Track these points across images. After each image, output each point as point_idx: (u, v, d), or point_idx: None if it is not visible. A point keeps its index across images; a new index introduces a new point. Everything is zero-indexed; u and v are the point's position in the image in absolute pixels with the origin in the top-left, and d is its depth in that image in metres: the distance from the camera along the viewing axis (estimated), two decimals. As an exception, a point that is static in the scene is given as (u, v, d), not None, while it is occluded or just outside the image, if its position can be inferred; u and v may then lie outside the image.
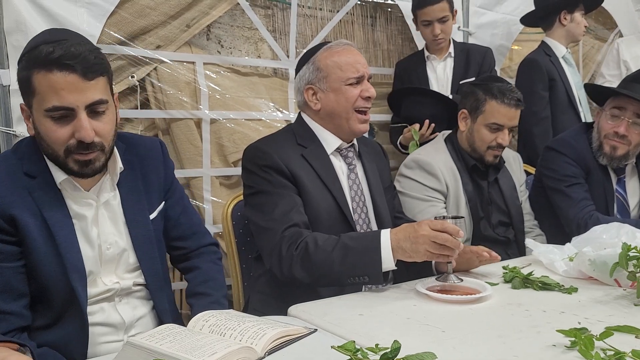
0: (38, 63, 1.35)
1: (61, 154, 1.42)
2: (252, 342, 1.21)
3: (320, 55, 1.93)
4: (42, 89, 1.36)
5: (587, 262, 1.74)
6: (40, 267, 1.44)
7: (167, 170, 1.71)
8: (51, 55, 1.33)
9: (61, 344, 1.47)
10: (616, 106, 2.39)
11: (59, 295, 1.46)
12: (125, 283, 1.57)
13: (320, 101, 1.93)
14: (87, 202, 1.52)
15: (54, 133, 1.39)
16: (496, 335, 1.33)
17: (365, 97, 1.91)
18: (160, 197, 1.68)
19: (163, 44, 2.61)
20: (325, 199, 1.86)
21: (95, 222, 1.53)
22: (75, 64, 1.35)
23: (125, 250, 1.57)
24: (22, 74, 1.38)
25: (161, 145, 1.72)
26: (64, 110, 1.37)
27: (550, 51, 3.42)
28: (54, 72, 1.34)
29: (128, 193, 1.59)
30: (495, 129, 2.31)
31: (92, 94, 1.39)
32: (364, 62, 1.94)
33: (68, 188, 1.49)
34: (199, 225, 1.82)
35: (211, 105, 2.73)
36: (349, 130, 1.93)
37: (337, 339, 1.30)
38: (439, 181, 2.31)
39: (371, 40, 3.41)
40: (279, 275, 1.73)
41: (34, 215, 1.42)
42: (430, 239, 1.57)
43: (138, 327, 1.60)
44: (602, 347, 1.20)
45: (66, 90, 1.35)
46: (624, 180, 2.51)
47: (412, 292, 1.65)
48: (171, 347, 1.14)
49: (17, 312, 1.42)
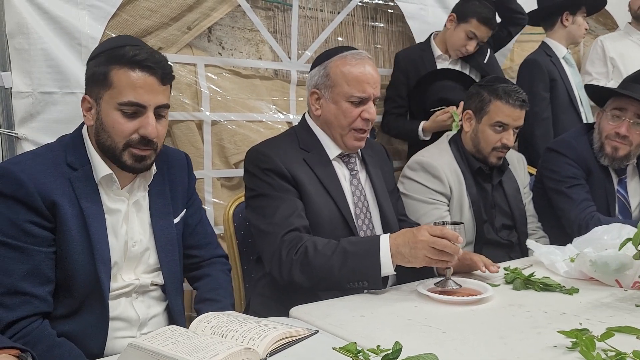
0: (123, 61, 1.48)
1: (120, 146, 1.52)
2: (253, 344, 1.22)
3: (334, 62, 1.91)
4: (120, 84, 1.48)
5: (588, 263, 1.75)
6: (71, 255, 1.49)
7: (191, 181, 1.81)
8: (137, 57, 1.48)
9: (81, 334, 1.51)
10: (617, 107, 2.39)
11: (85, 285, 1.51)
12: (144, 281, 1.63)
13: (321, 108, 1.93)
14: (120, 199, 1.60)
15: (121, 125, 1.50)
16: (497, 336, 1.33)
17: (364, 119, 1.89)
18: (183, 204, 1.76)
19: (164, 45, 2.61)
20: (326, 205, 1.86)
21: (126, 219, 1.60)
22: (157, 68, 1.51)
23: (148, 249, 1.64)
24: (100, 68, 1.50)
25: (187, 158, 1.82)
26: (136, 107, 1.50)
27: (551, 52, 3.42)
28: (137, 71, 1.49)
29: (156, 196, 1.68)
30: (500, 129, 2.31)
31: (162, 98, 1.54)
32: (374, 82, 1.90)
33: (105, 184, 1.57)
34: (213, 236, 1.88)
35: (212, 107, 2.73)
36: (342, 144, 1.94)
37: (339, 341, 1.30)
38: (442, 184, 2.30)
39: (372, 41, 3.41)
40: (279, 279, 1.73)
41: (73, 205, 1.50)
42: (429, 244, 1.57)
43: (150, 326, 1.64)
44: (604, 348, 1.21)
45: (144, 89, 1.49)
46: (625, 180, 2.51)
47: (413, 294, 1.66)
48: (173, 348, 1.15)
49: (42, 296, 1.47)
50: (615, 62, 4.00)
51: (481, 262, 1.81)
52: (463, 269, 1.85)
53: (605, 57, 4.01)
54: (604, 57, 4.02)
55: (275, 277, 1.75)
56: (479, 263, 1.81)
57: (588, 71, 4.06)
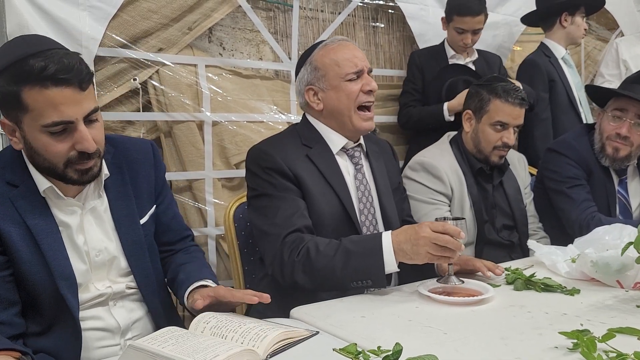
0: (32, 79, 1.31)
1: (60, 166, 1.41)
2: (253, 345, 1.21)
3: (317, 55, 1.92)
4: (37, 105, 1.32)
5: (590, 264, 1.74)
6: (28, 276, 1.42)
7: (158, 173, 1.69)
8: (47, 71, 1.30)
9: (54, 350, 1.47)
10: (618, 108, 2.39)
11: (49, 303, 1.46)
12: (118, 287, 1.56)
13: (322, 101, 1.91)
14: (71, 209, 1.50)
15: (54, 148, 1.38)
16: (498, 337, 1.33)
17: (366, 91, 1.89)
18: (150, 201, 1.67)
19: (165, 46, 2.62)
20: (330, 200, 1.84)
21: (81, 230, 1.51)
22: (71, 77, 1.33)
23: (116, 257, 1.56)
24: (7, 89, 1.33)
25: (152, 148, 1.71)
26: (63, 125, 1.36)
27: (550, 52, 3.42)
28: (50, 87, 1.32)
29: (116, 198, 1.58)
30: (500, 128, 2.32)
31: (87, 104, 1.38)
32: (361, 56, 1.91)
33: (52, 196, 1.48)
34: (188, 230, 1.82)
35: (213, 107, 2.73)
36: (352, 128, 1.91)
37: (339, 342, 1.30)
38: (444, 184, 2.30)
39: (373, 42, 3.41)
40: (281, 281, 1.73)
41: (17, 225, 1.41)
42: (431, 240, 1.56)
43: (134, 330, 1.59)
44: (605, 349, 1.20)
45: (65, 105, 1.33)
46: (625, 181, 2.51)
47: (414, 294, 1.65)
48: (173, 350, 1.15)
49: (7, 321, 1.41)
50: (627, 64, 4.02)
51: (485, 268, 1.80)
52: (465, 273, 1.84)
53: (619, 59, 4.03)
54: (617, 59, 4.04)
55: (277, 278, 1.74)
56: (482, 269, 1.80)
57: (602, 73, 4.09)
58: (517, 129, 2.36)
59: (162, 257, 1.72)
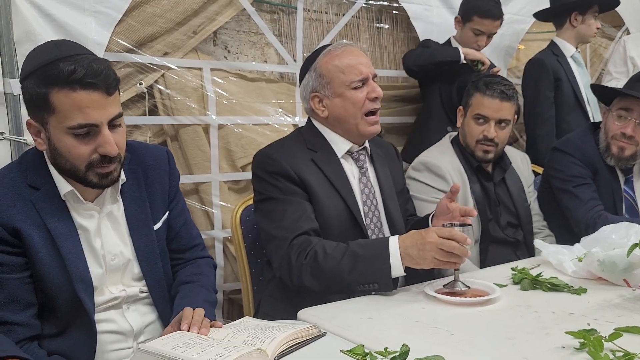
0: (60, 82, 1.34)
1: (82, 168, 1.43)
2: (261, 345, 1.22)
3: (321, 61, 1.91)
4: (64, 107, 1.35)
5: (596, 263, 1.74)
6: (46, 278, 1.45)
7: (172, 180, 1.72)
8: (75, 75, 1.33)
9: (69, 352, 1.48)
10: (623, 107, 2.38)
11: (66, 305, 1.47)
12: (132, 290, 1.59)
13: (327, 108, 1.91)
14: (89, 213, 1.53)
15: (77, 150, 1.40)
16: (505, 337, 1.33)
17: (372, 99, 1.89)
18: (164, 207, 1.69)
19: (170, 50, 2.63)
20: (336, 204, 1.85)
21: (98, 233, 1.54)
22: (99, 81, 1.36)
23: (130, 261, 1.58)
24: (37, 90, 1.36)
25: (168, 155, 1.73)
26: (88, 127, 1.38)
27: (559, 51, 3.42)
28: (78, 91, 1.34)
29: (132, 203, 1.60)
30: (481, 121, 2.34)
31: (112, 109, 1.41)
32: (366, 62, 1.90)
33: (71, 200, 1.50)
34: (198, 238, 1.83)
35: (219, 110, 2.74)
36: (359, 134, 1.92)
37: (346, 343, 1.30)
38: (446, 183, 2.31)
39: (377, 43, 3.42)
40: (289, 283, 1.73)
41: (38, 227, 1.43)
42: (437, 246, 1.57)
43: (147, 334, 1.61)
44: (612, 349, 1.20)
45: (91, 108, 1.36)
46: (631, 180, 2.50)
47: (420, 295, 1.66)
48: (183, 352, 1.16)
49: (24, 322, 1.43)
50: (635, 61, 4.02)
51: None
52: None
53: (626, 57, 4.02)
54: (624, 56, 4.03)
55: (284, 281, 1.75)
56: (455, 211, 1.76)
57: (609, 70, 4.08)
58: (504, 124, 2.35)
59: (172, 264, 1.74)
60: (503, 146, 2.41)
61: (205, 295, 1.63)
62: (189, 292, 1.62)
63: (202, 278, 1.70)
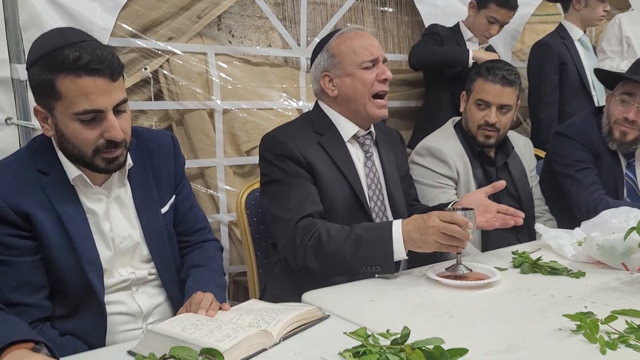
0: (65, 68, 1.36)
1: (89, 153, 1.45)
2: (266, 327, 1.26)
3: (334, 42, 1.95)
4: (70, 93, 1.38)
5: (595, 247, 1.76)
6: (57, 261, 1.48)
7: (178, 165, 1.74)
8: (80, 61, 1.35)
9: (80, 333, 1.52)
10: (626, 91, 2.39)
11: (76, 287, 1.51)
12: (140, 273, 1.62)
13: (336, 87, 1.94)
14: (98, 197, 1.55)
15: (84, 135, 1.43)
16: (504, 320, 1.36)
17: (381, 80, 1.92)
18: (171, 191, 1.71)
19: (175, 35, 2.65)
20: (341, 187, 1.88)
21: (107, 217, 1.57)
22: (103, 67, 1.38)
23: (138, 244, 1.62)
24: (43, 77, 1.38)
25: (173, 140, 1.75)
26: (94, 113, 1.41)
27: (566, 34, 3.42)
28: (83, 77, 1.37)
29: (139, 187, 1.63)
30: (482, 106, 2.36)
31: (117, 95, 1.44)
32: (377, 45, 1.95)
33: (80, 184, 1.52)
34: (204, 221, 1.85)
35: (223, 95, 2.76)
36: (366, 115, 1.94)
37: (350, 325, 1.34)
38: (449, 168, 2.34)
39: (381, 26, 3.42)
40: (293, 264, 1.77)
41: (48, 211, 1.46)
42: (439, 230, 1.59)
43: (156, 315, 1.64)
44: (607, 331, 1.23)
45: (96, 94, 1.39)
46: (633, 164, 2.52)
47: (422, 278, 1.69)
48: (191, 333, 1.20)
49: (36, 304, 1.47)
50: (630, 41, 3.97)
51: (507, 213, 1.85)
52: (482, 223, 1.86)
53: (621, 36, 3.98)
54: (620, 35, 3.99)
55: (289, 262, 1.79)
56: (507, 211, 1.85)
57: (603, 49, 4.04)
58: (505, 110, 2.36)
59: (180, 247, 1.77)
60: (505, 131, 2.42)
61: (215, 280, 1.66)
62: (199, 276, 1.65)
63: (211, 262, 1.74)
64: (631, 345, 1.18)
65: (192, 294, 1.50)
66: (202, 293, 1.48)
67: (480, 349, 1.18)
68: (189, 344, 1.12)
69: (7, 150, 2.17)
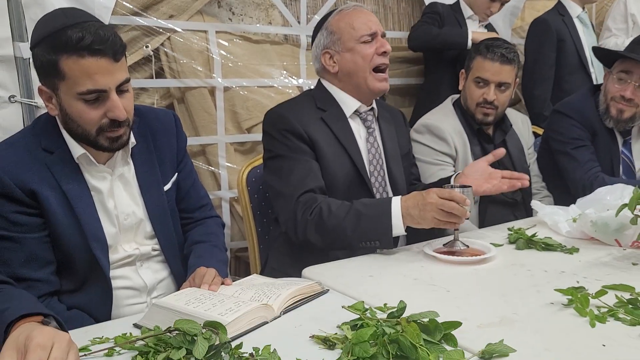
0: (69, 48, 1.38)
1: (93, 132, 1.48)
2: (267, 301, 1.30)
3: (333, 20, 1.98)
4: (73, 74, 1.40)
5: (589, 224, 1.80)
6: (63, 238, 1.51)
7: (180, 143, 1.77)
8: (83, 41, 1.37)
9: (87, 306, 1.56)
10: (623, 69, 2.41)
11: (83, 263, 1.54)
12: (144, 249, 1.66)
13: (337, 63, 1.97)
14: (102, 175, 1.58)
15: (87, 114, 1.45)
16: (498, 294, 1.40)
17: (381, 53, 1.94)
18: (173, 169, 1.75)
19: (176, 13, 2.65)
20: (343, 162, 1.91)
21: (111, 194, 1.60)
22: (106, 48, 1.40)
23: (142, 220, 1.65)
24: (47, 57, 1.40)
25: (175, 119, 1.78)
26: (97, 93, 1.43)
27: (565, 11, 3.41)
28: (86, 57, 1.38)
29: (142, 165, 1.66)
30: (481, 84, 2.38)
31: (120, 75, 1.46)
32: (375, 20, 1.97)
33: (84, 162, 1.55)
34: (206, 198, 1.89)
35: (224, 73, 2.77)
36: (367, 89, 1.96)
37: (348, 299, 1.38)
38: (448, 145, 2.36)
39: (381, 3, 3.41)
40: (294, 238, 1.81)
41: (54, 189, 1.49)
42: (437, 206, 1.62)
43: (159, 289, 1.69)
44: (597, 305, 1.27)
45: (99, 74, 1.41)
46: (629, 142, 2.54)
47: (420, 254, 1.72)
48: (195, 307, 1.24)
49: (44, 279, 1.50)
50: (635, 18, 3.97)
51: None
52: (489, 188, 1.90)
53: (627, 13, 3.98)
54: (625, 12, 3.99)
55: (290, 236, 1.82)
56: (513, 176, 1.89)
57: (608, 26, 4.03)
58: (504, 87, 2.38)
59: (182, 224, 1.81)
60: (503, 109, 2.45)
61: (217, 255, 1.70)
62: (202, 252, 1.69)
63: (213, 237, 1.78)
64: (620, 319, 1.22)
65: (195, 269, 1.54)
66: (205, 268, 1.52)
67: (473, 322, 1.22)
68: (193, 317, 1.15)
69: (10, 128, 2.21)
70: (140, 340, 1.13)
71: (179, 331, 1.08)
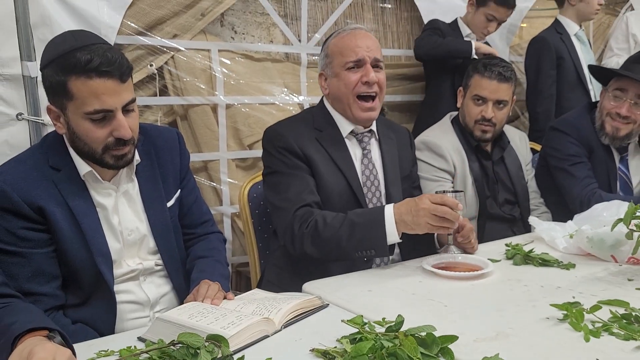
0: (78, 70, 1.43)
1: (99, 150, 1.52)
2: (268, 315, 1.32)
3: (330, 42, 2.00)
4: (81, 94, 1.45)
5: (585, 239, 1.82)
6: (69, 253, 1.54)
7: (183, 160, 1.81)
8: (91, 64, 1.42)
9: (91, 320, 1.59)
10: (618, 87, 2.44)
11: (88, 278, 1.57)
12: (147, 264, 1.69)
13: (328, 86, 2.01)
14: (107, 192, 1.62)
15: (94, 133, 1.50)
16: (495, 309, 1.42)
17: (364, 82, 1.92)
18: (176, 186, 1.78)
19: (179, 32, 2.70)
20: (338, 182, 1.93)
21: (116, 211, 1.63)
22: (113, 70, 1.45)
23: (145, 236, 1.68)
24: (56, 78, 1.45)
25: (178, 136, 1.82)
26: (104, 113, 1.47)
27: (562, 29, 3.45)
28: (94, 78, 1.44)
29: (146, 182, 1.69)
30: (479, 102, 2.42)
31: (126, 95, 1.50)
32: (366, 46, 1.93)
33: (90, 179, 1.59)
34: (208, 214, 1.92)
35: (226, 90, 2.82)
36: (352, 116, 1.98)
37: (347, 314, 1.40)
38: (446, 162, 2.40)
39: (381, 22, 3.47)
40: (292, 251, 1.83)
41: (60, 205, 1.52)
42: (430, 211, 1.64)
43: (162, 304, 1.71)
44: (592, 320, 1.30)
45: (106, 95, 1.46)
46: (626, 158, 2.57)
47: (418, 269, 1.75)
48: (198, 320, 1.26)
49: (50, 293, 1.53)
50: (637, 38, 4.03)
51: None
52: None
53: (628, 33, 4.03)
54: (627, 33, 4.04)
55: (288, 249, 1.85)
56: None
57: (611, 47, 4.09)
58: (502, 105, 2.42)
59: (185, 239, 1.84)
60: (501, 126, 2.48)
61: (220, 270, 1.73)
62: (205, 266, 1.72)
63: (215, 253, 1.81)
64: (614, 334, 1.24)
65: (199, 282, 1.57)
66: (208, 282, 1.55)
67: (470, 336, 1.24)
68: (196, 331, 1.18)
69: (18, 144, 2.25)
70: (145, 353, 1.15)
71: (183, 344, 1.11)
